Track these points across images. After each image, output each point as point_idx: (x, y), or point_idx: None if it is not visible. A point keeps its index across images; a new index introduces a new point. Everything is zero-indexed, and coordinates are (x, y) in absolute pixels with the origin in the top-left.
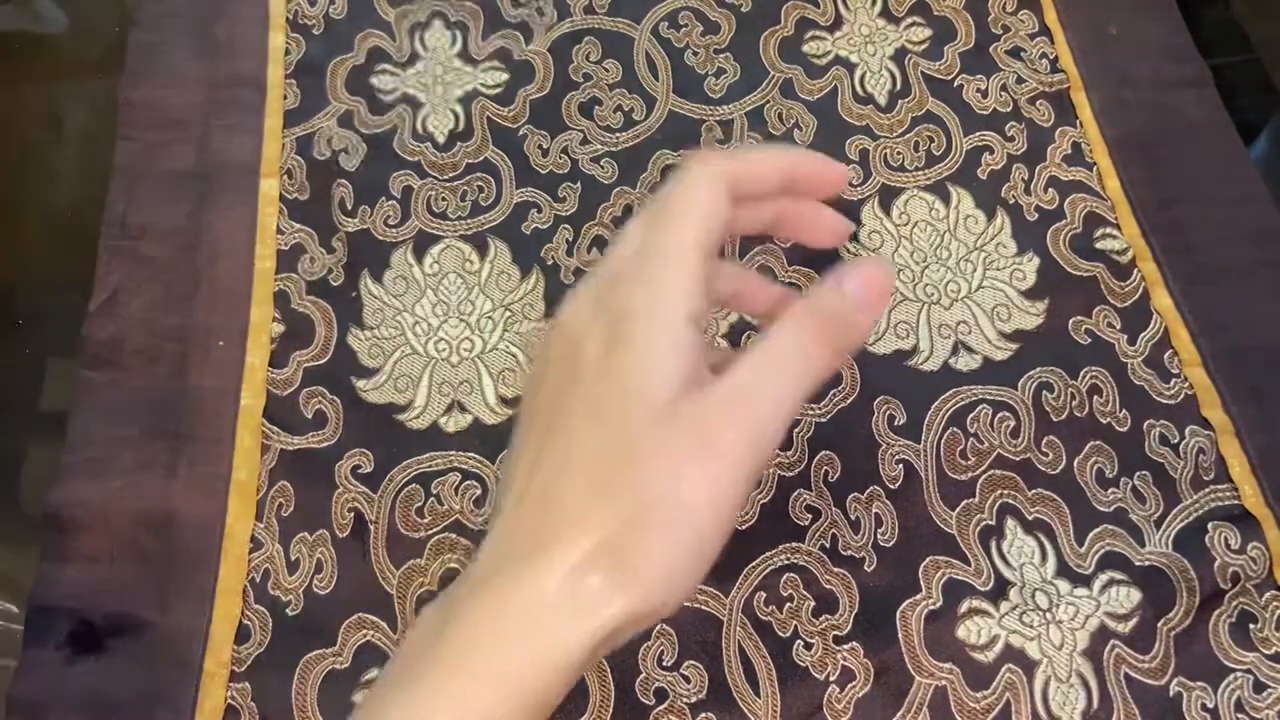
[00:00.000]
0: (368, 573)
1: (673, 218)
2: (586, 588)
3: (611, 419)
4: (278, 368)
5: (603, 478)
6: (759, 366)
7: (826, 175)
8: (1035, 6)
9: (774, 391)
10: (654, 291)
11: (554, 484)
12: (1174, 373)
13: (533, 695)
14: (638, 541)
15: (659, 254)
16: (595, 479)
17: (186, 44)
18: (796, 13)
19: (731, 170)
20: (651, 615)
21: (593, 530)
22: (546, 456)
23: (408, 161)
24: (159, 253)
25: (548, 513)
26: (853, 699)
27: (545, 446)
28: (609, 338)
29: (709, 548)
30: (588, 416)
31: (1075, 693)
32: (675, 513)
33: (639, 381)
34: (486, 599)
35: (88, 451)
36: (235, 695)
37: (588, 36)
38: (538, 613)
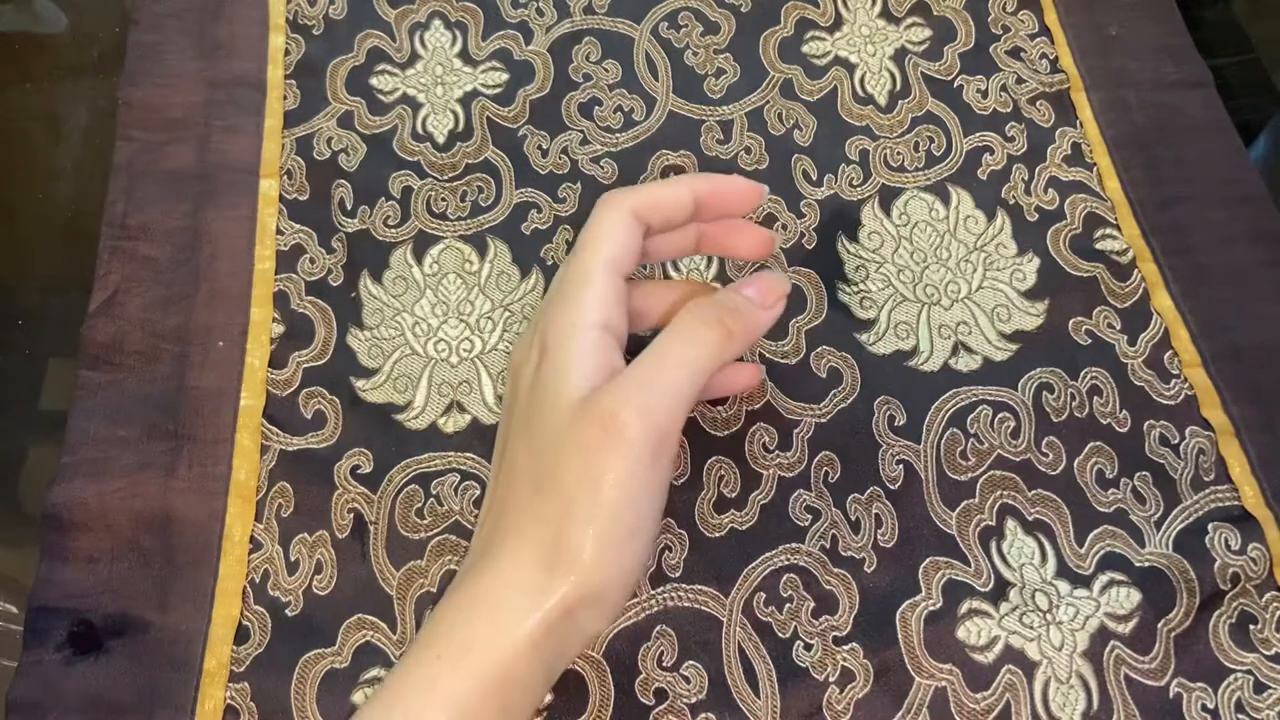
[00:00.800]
0: (367, 573)
1: (583, 246)
2: (530, 576)
3: (541, 426)
4: (277, 368)
5: (537, 481)
6: (653, 352)
7: (739, 196)
8: (1035, 7)
9: (669, 372)
10: (567, 307)
11: (506, 495)
12: (1174, 373)
13: (497, 674)
14: (567, 534)
15: (572, 278)
16: (533, 483)
17: (186, 44)
18: (796, 13)
19: (635, 203)
20: (600, 596)
21: (532, 530)
22: (502, 473)
23: (407, 162)
24: (158, 253)
25: (501, 519)
26: (852, 700)
27: (501, 465)
28: (537, 357)
29: (634, 526)
30: (524, 428)
31: (1075, 694)
32: (592, 506)
33: (556, 387)
34: (453, 596)
35: (87, 451)
36: (235, 695)
37: (587, 37)
38: (491, 599)
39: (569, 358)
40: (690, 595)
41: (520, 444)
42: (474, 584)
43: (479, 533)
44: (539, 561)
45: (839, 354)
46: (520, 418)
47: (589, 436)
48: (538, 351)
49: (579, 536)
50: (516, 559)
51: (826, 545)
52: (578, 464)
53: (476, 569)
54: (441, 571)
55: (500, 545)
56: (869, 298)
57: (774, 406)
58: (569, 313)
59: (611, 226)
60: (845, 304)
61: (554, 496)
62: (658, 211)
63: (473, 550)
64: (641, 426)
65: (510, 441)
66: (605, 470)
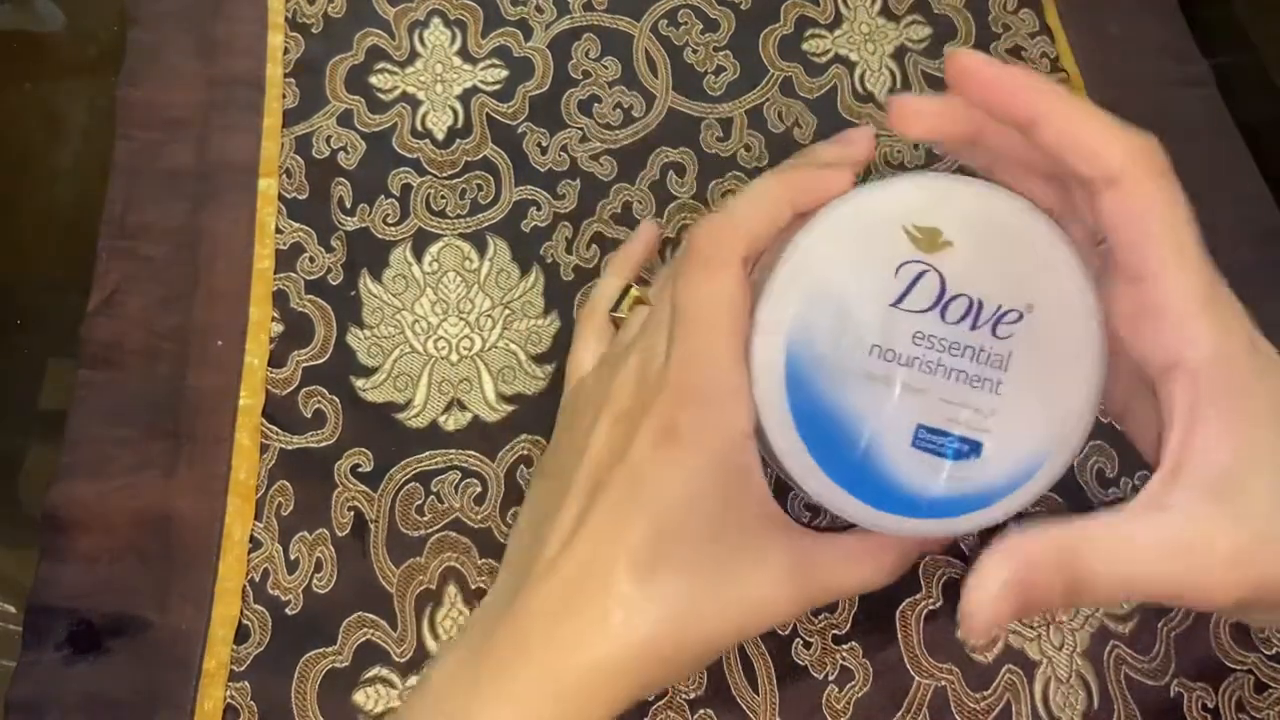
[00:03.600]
0: (367, 571)
1: (703, 322)
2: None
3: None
4: (277, 367)
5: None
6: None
7: (830, 183)
8: (1036, 5)
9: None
10: (713, 410)
11: (602, 551)
12: None
13: (583, 698)
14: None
15: (706, 367)
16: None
17: (185, 43)
18: (796, 11)
19: (746, 250)
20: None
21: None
22: (595, 520)
23: (406, 159)
24: (157, 252)
25: (590, 577)
26: (852, 699)
27: (591, 511)
28: (685, 457)
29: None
30: (631, 491)
31: (1075, 693)
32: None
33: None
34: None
35: (86, 451)
36: (235, 695)
37: (587, 33)
38: (576, 631)
39: (747, 477)
40: None
41: (626, 512)
42: (557, 620)
43: (546, 567)
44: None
45: None
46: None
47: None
48: (679, 449)
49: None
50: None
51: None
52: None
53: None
54: (441, 569)
55: (591, 595)
56: None
57: None
58: (723, 421)
59: (734, 291)
60: None
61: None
62: (764, 243)
63: (539, 583)
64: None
65: (605, 496)
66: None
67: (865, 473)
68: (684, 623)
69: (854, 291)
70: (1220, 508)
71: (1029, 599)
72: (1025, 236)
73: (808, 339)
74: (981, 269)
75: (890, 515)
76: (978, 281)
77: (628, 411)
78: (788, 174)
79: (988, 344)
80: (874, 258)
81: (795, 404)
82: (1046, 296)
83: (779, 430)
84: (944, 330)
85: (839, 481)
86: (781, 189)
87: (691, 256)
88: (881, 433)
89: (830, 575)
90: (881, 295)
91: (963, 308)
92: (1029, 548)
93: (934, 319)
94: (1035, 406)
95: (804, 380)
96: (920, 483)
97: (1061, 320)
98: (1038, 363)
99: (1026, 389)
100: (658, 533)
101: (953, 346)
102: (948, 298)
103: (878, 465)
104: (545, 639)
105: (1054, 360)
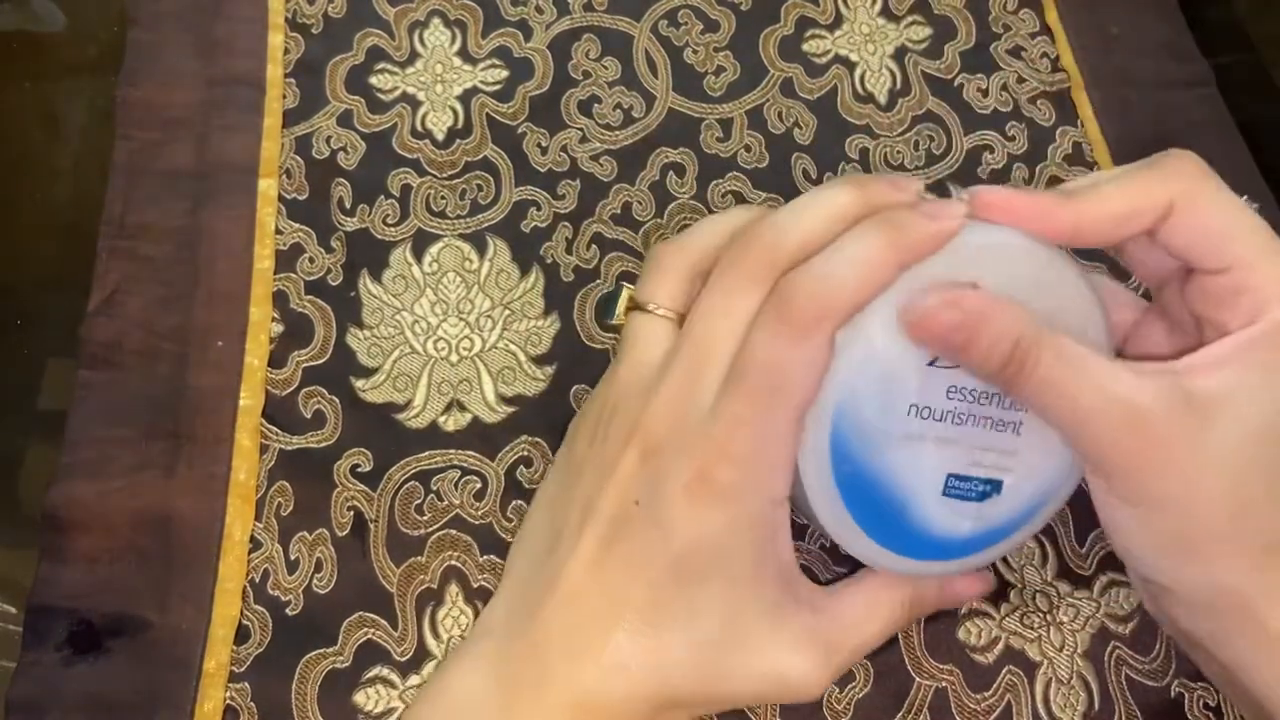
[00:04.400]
0: (368, 571)
1: (784, 393)
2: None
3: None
4: (276, 367)
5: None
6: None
7: (937, 241)
8: (1036, 6)
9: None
10: (760, 476)
11: (631, 582)
12: None
13: None
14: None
15: (757, 453)
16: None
17: (185, 43)
18: (796, 11)
19: (845, 317)
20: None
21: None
22: (620, 552)
23: (406, 159)
24: (157, 252)
25: (614, 608)
26: (853, 699)
27: (617, 542)
28: (725, 506)
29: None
30: (660, 532)
31: (1076, 694)
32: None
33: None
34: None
35: (86, 452)
36: (235, 695)
37: (587, 34)
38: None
39: (774, 539)
40: None
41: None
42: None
43: (560, 601)
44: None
45: None
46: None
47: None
48: (714, 503)
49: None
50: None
51: (826, 544)
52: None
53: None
54: (442, 568)
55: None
56: None
57: None
58: (762, 485)
59: (820, 365)
60: None
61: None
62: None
63: (558, 614)
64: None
65: (624, 540)
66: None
67: (903, 528)
68: (703, 677)
69: (895, 355)
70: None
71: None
72: (1045, 279)
73: (855, 406)
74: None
75: (925, 562)
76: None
77: (660, 449)
78: (895, 231)
79: None
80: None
81: (839, 473)
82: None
83: (823, 499)
84: (974, 381)
85: (880, 541)
86: (892, 251)
87: (783, 313)
88: (919, 490)
89: (851, 640)
90: (919, 355)
91: None
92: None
93: (965, 372)
94: (1052, 439)
95: (848, 448)
96: (951, 527)
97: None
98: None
99: (1042, 428)
100: (680, 580)
101: (981, 396)
102: None
103: (914, 519)
104: (569, 682)
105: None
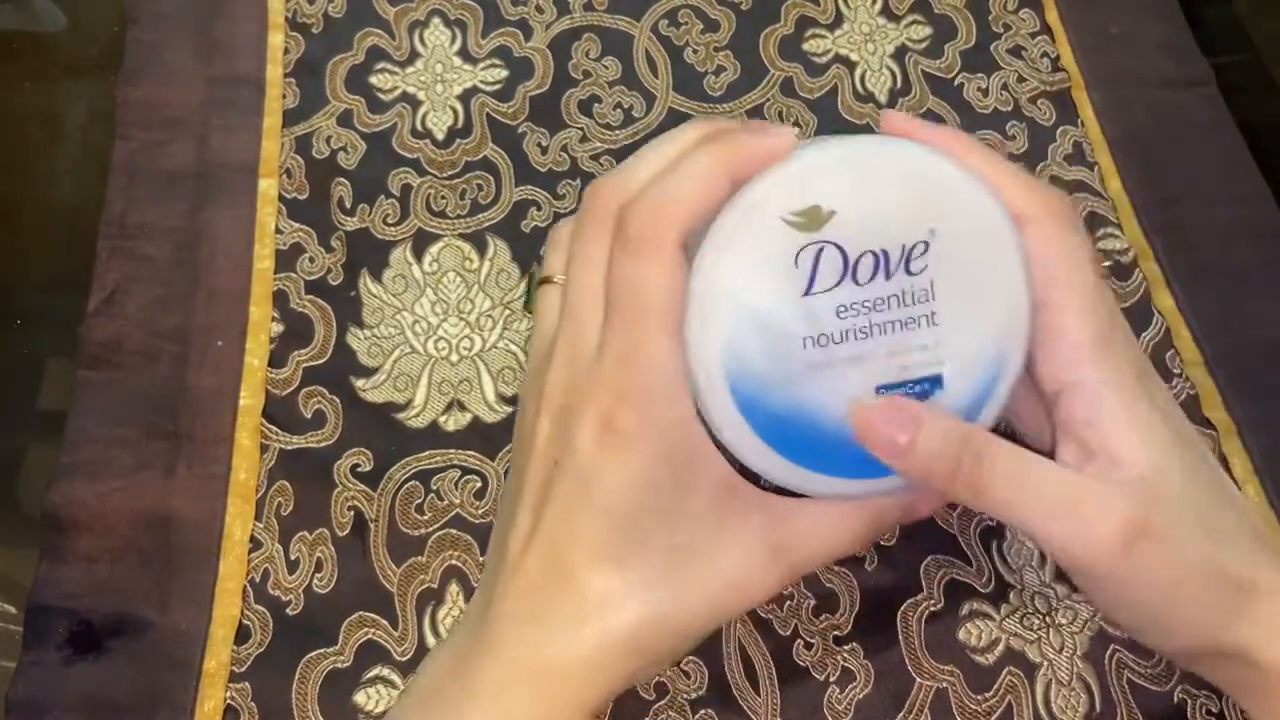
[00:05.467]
0: (368, 571)
1: (645, 311)
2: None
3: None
4: (277, 367)
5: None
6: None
7: (769, 151)
8: (1036, 5)
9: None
10: (662, 404)
11: (562, 549)
12: (1176, 373)
13: (563, 697)
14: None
15: (652, 362)
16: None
17: (185, 43)
18: (797, 11)
19: (681, 230)
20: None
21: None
22: (550, 518)
23: (406, 159)
24: (157, 252)
25: (555, 576)
26: (853, 700)
27: (545, 509)
28: (638, 457)
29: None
30: (580, 486)
31: (1077, 695)
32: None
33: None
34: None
35: (86, 452)
36: (235, 696)
37: (587, 33)
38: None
39: (696, 459)
40: None
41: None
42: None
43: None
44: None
45: None
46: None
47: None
48: (622, 442)
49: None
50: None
51: None
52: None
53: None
54: (443, 567)
55: (567, 586)
56: None
57: None
58: (663, 412)
59: (672, 278)
60: None
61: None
62: (697, 224)
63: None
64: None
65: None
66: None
67: (844, 452)
68: (659, 609)
69: (766, 300)
70: (1122, 487)
71: (924, 455)
72: (902, 169)
73: (743, 361)
74: (871, 221)
75: (881, 479)
76: (873, 234)
77: (565, 407)
78: (722, 146)
79: (907, 285)
80: (769, 257)
81: (761, 427)
82: (943, 214)
83: (757, 457)
84: (862, 294)
85: (822, 470)
86: (719, 164)
87: (624, 238)
88: (846, 412)
89: (806, 544)
90: (791, 289)
91: (870, 265)
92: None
93: (849, 288)
94: (975, 317)
95: (757, 401)
96: None
97: (967, 228)
98: (960, 278)
99: (960, 306)
100: (613, 525)
101: (876, 304)
102: (852, 262)
103: (854, 441)
104: (519, 642)
105: (975, 268)
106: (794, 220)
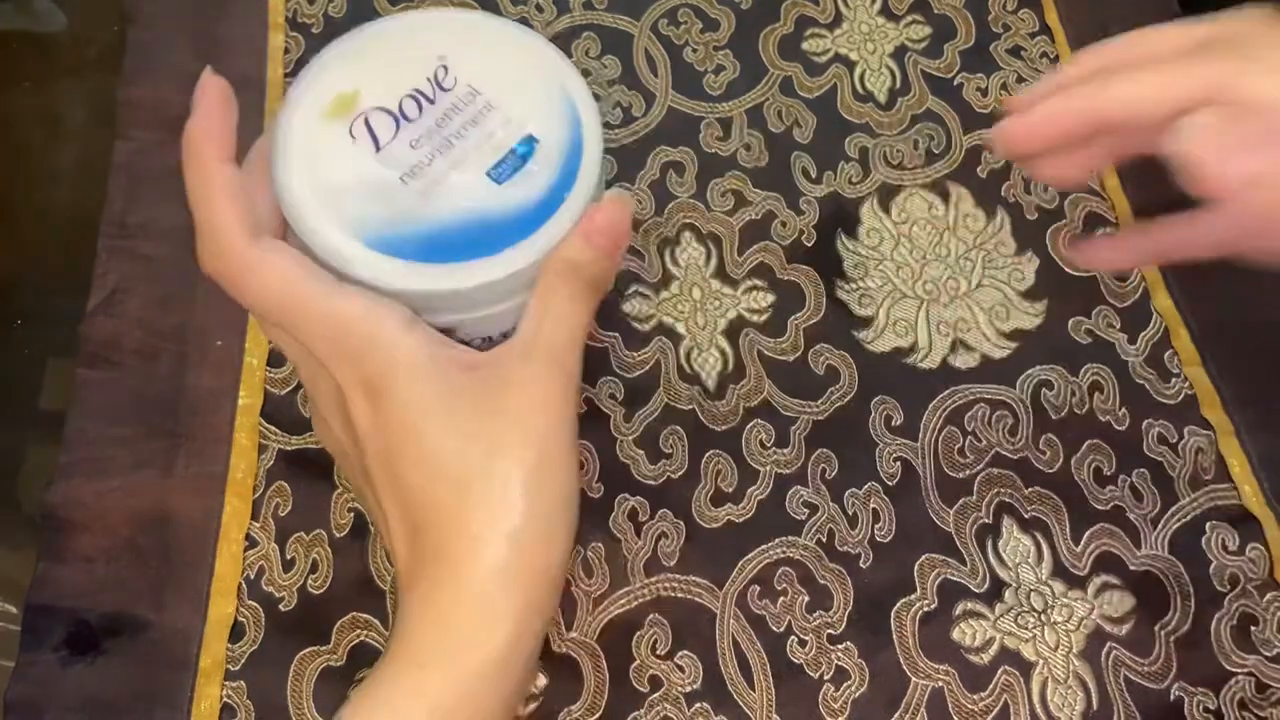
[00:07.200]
0: (364, 572)
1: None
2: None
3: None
4: (275, 367)
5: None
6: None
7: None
8: (1036, 5)
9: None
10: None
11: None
12: (1174, 372)
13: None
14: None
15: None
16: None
17: (185, 43)
18: (796, 10)
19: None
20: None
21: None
22: (384, 509)
23: None
24: (157, 252)
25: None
26: (849, 698)
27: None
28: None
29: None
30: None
31: (1074, 694)
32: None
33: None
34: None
35: (85, 451)
36: (231, 693)
37: (587, 32)
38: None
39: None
40: (683, 586)
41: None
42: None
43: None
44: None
45: (837, 352)
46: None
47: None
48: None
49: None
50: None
51: (823, 539)
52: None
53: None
54: None
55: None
56: (868, 295)
57: (772, 404)
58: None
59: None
60: (844, 301)
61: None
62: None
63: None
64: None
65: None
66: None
67: (492, 232)
68: (525, 500)
69: (350, 176)
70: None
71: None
72: (394, 25)
73: (371, 228)
74: (391, 71)
75: (539, 231)
76: (400, 81)
77: (326, 408)
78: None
79: (450, 99)
80: (332, 143)
81: (413, 256)
82: (449, 38)
83: (425, 280)
84: (421, 125)
85: (485, 253)
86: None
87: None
88: (475, 208)
89: (553, 339)
90: (365, 156)
91: (412, 104)
92: None
93: (407, 128)
94: (521, 87)
95: (399, 244)
96: (525, 197)
97: (476, 28)
98: (494, 61)
99: (508, 88)
100: (391, 474)
101: (439, 123)
102: (398, 106)
103: (493, 223)
104: (404, 619)
105: (504, 46)
106: (331, 110)
